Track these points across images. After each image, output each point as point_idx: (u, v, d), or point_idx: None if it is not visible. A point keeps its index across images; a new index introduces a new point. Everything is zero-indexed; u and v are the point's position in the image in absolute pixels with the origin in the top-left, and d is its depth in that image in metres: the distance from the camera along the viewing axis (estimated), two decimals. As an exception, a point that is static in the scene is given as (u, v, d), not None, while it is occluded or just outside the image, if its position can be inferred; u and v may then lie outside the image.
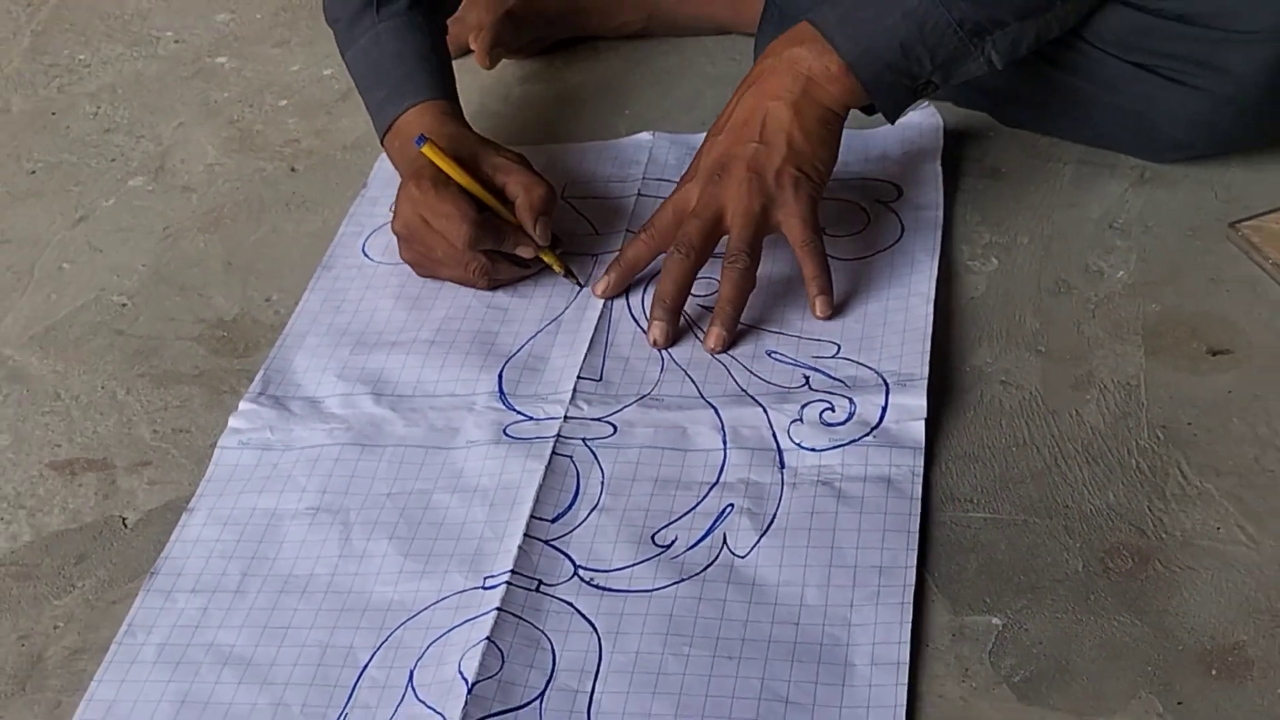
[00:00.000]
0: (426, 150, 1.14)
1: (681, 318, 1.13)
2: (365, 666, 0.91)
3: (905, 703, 0.86)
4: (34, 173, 1.44)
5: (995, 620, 0.92)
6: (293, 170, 1.40)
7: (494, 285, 1.18)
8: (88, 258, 1.32)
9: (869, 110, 1.15)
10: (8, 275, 1.31)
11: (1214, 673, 0.88)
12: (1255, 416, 1.03)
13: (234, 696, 0.90)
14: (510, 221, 1.16)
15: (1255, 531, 0.96)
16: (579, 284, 1.19)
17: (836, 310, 1.13)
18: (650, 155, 1.33)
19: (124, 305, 1.26)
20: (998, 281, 1.17)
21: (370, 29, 1.23)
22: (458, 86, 1.27)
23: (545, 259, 1.18)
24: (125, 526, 1.06)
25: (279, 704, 0.90)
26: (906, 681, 0.88)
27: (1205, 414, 1.04)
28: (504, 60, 1.47)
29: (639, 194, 1.29)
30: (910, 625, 0.91)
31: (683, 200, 1.13)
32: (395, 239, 1.20)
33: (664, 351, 1.12)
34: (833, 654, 0.89)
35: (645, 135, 1.36)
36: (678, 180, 1.23)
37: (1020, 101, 1.28)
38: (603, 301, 1.17)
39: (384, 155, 1.29)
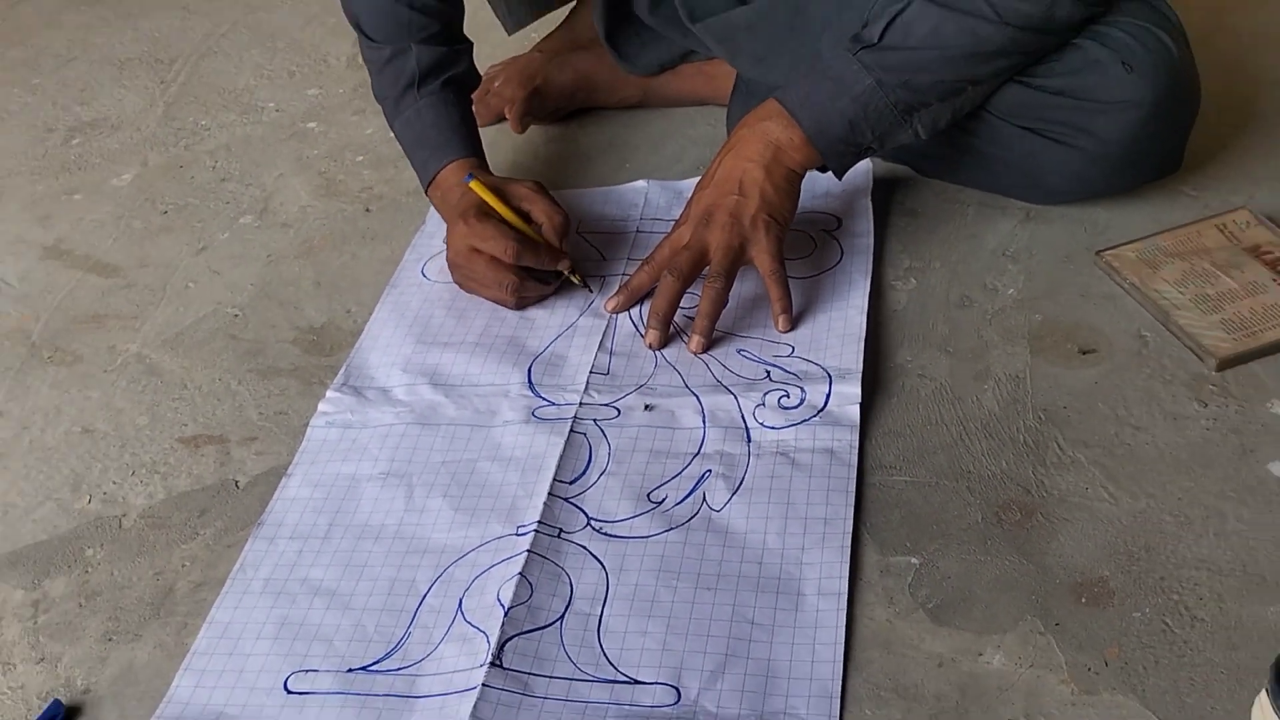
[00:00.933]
0: (474, 184, 1.15)
1: (671, 326, 1.13)
2: (424, 596, 0.92)
3: (845, 624, 0.87)
4: (166, 213, 1.44)
5: (914, 560, 0.92)
6: (367, 210, 1.39)
7: (522, 305, 1.17)
8: (208, 279, 1.31)
9: (822, 169, 1.15)
10: (146, 293, 1.30)
11: (1083, 600, 0.88)
12: (1115, 402, 1.03)
13: (322, 619, 0.91)
14: (538, 240, 1.17)
15: (1115, 491, 0.96)
16: (591, 291, 1.19)
17: (792, 321, 1.13)
18: (646, 199, 1.33)
19: (236, 315, 1.26)
20: (915, 297, 1.17)
21: (414, 104, 1.23)
22: (499, 148, 1.26)
23: (565, 270, 1.18)
24: (237, 488, 1.06)
25: (357, 625, 0.90)
26: (845, 607, 0.88)
27: (1077, 399, 1.04)
28: (532, 126, 1.47)
29: (637, 230, 1.28)
30: (848, 564, 0.91)
31: (677, 239, 1.13)
32: (447, 264, 1.20)
33: (657, 352, 1.12)
34: (788, 586, 0.90)
35: (641, 182, 1.35)
36: (668, 218, 1.24)
37: (934, 158, 1.27)
38: (609, 314, 1.17)
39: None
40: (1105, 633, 0.86)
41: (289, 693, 0.86)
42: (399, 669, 0.87)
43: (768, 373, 1.08)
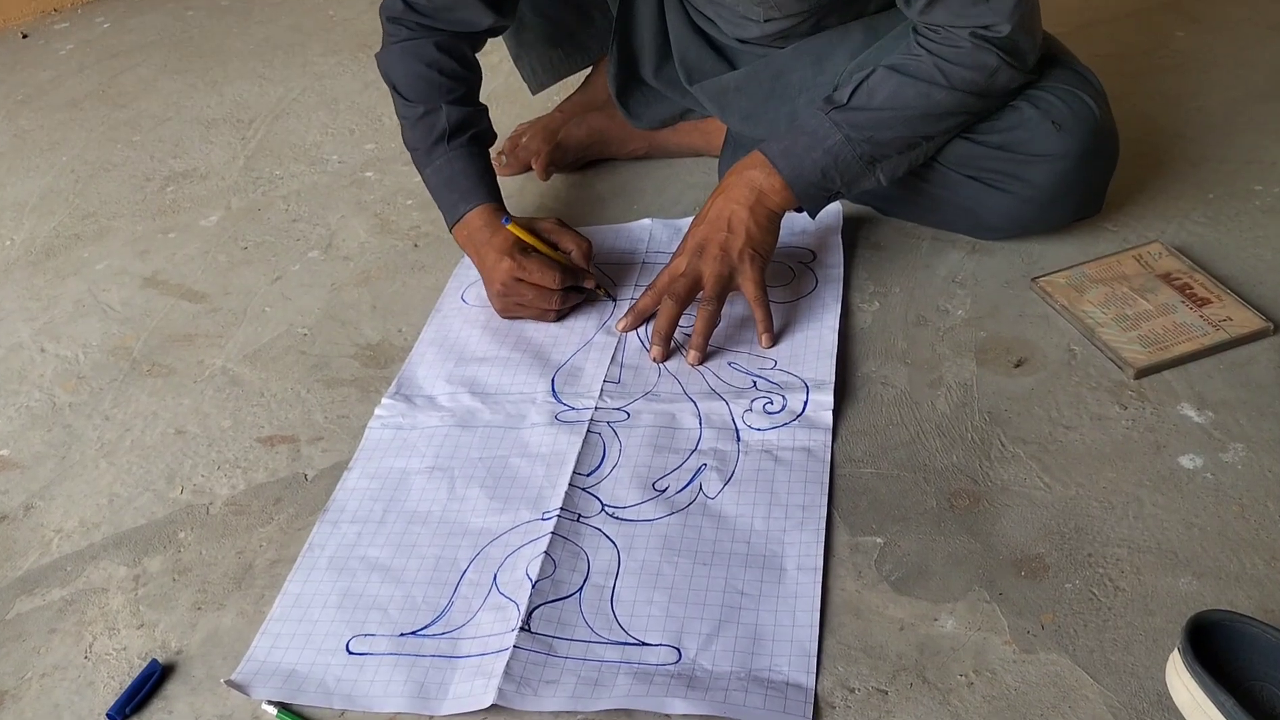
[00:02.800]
0: (512, 227, 1.16)
1: (671, 343, 1.13)
2: (465, 571, 0.92)
3: (820, 594, 0.87)
4: (246, 248, 1.44)
5: (878, 540, 0.92)
6: (415, 246, 1.40)
7: (561, 318, 1.19)
8: (281, 304, 1.32)
9: (799, 210, 1.15)
10: (229, 315, 1.31)
11: (1023, 574, 0.88)
12: (1049, 405, 1.03)
13: (379, 591, 0.91)
14: (571, 265, 1.19)
15: (1049, 481, 0.96)
16: (614, 300, 1.22)
17: (774, 339, 1.13)
18: (650, 234, 1.33)
19: (305, 334, 1.26)
20: (879, 317, 1.17)
21: (444, 154, 1.22)
22: (527, 193, 1.26)
23: (590, 286, 1.21)
24: (306, 480, 1.06)
25: (408, 596, 0.90)
26: (821, 580, 0.88)
27: (1016, 403, 1.04)
28: (554, 175, 1.48)
29: (644, 261, 1.29)
30: (823, 543, 0.91)
31: (675, 268, 1.13)
32: (484, 290, 1.21)
33: (661, 364, 1.12)
34: (771, 562, 0.90)
35: (646, 221, 1.36)
36: (670, 250, 1.25)
37: (894, 199, 1.27)
38: (620, 332, 1.17)
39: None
40: (1041, 601, 0.86)
41: (350, 654, 0.86)
42: (444, 633, 0.87)
43: (754, 382, 1.08)
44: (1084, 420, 1.01)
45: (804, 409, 1.04)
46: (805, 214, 1.17)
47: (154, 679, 0.87)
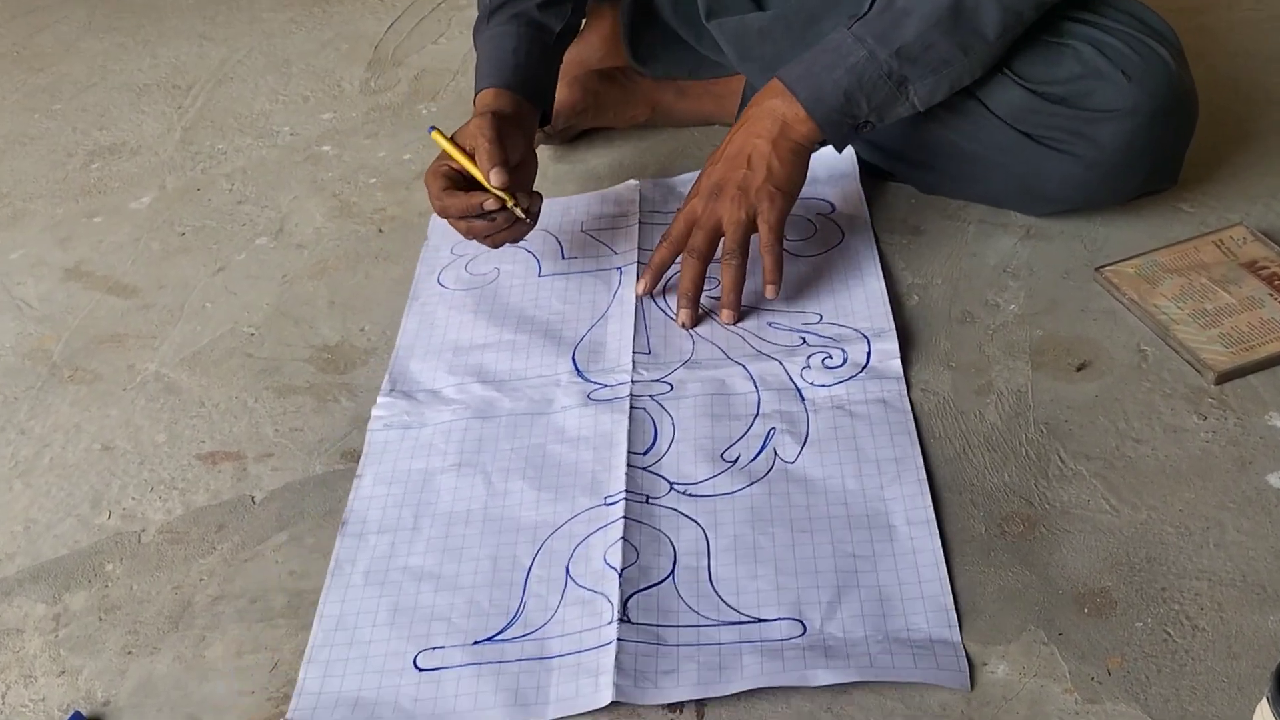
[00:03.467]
0: (434, 135, 1.18)
1: (700, 306, 1.16)
2: (530, 569, 0.96)
3: (941, 546, 0.93)
4: (184, 234, 1.44)
5: (918, 571, 0.92)
6: (380, 231, 1.40)
7: (492, 242, 1.19)
8: (225, 299, 1.32)
9: (823, 142, 1.16)
10: (164, 312, 1.31)
11: (1086, 611, 0.88)
12: (1115, 415, 1.03)
13: (434, 600, 0.94)
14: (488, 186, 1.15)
15: (1116, 503, 0.96)
16: (524, 212, 1.15)
17: (811, 291, 1.18)
18: (641, 195, 1.36)
19: (252, 334, 1.26)
20: (918, 313, 1.17)
21: (484, 31, 1.27)
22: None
23: (503, 199, 1.14)
24: (254, 503, 1.06)
25: (471, 601, 0.94)
26: (937, 532, 0.94)
27: (1078, 413, 1.04)
28: (541, 147, 1.47)
29: (640, 223, 1.32)
30: (928, 494, 0.97)
31: (690, 213, 1.16)
32: (466, 274, 1.25)
33: (692, 330, 1.15)
34: (877, 520, 0.96)
35: (633, 181, 1.38)
36: (666, 210, 1.30)
37: (936, 170, 1.27)
38: (634, 298, 1.20)
39: (435, 214, 1.30)
40: (1108, 642, 0.85)
41: (421, 670, 0.89)
42: (524, 635, 0.90)
43: (803, 339, 1.13)
44: (1156, 432, 1.01)
45: (868, 360, 1.10)
46: (819, 160, 1.18)
47: (77, 735, 0.87)
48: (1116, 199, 1.22)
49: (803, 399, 1.07)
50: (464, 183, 1.17)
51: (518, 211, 1.15)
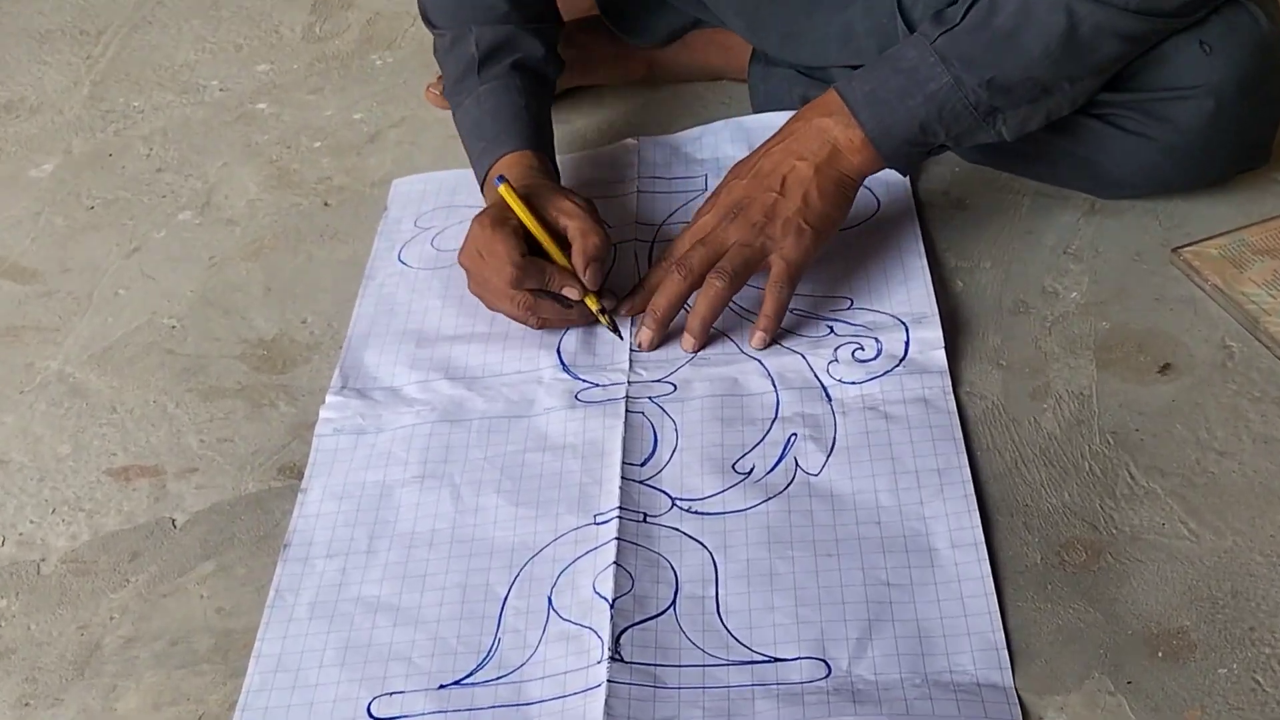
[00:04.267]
0: (502, 189, 1.13)
1: (688, 328, 1.13)
2: (505, 599, 0.96)
3: (990, 573, 0.93)
4: (93, 208, 1.44)
5: (962, 608, 0.92)
6: (326, 205, 1.40)
7: (542, 324, 1.15)
8: (141, 285, 1.32)
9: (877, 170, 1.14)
10: (69, 301, 1.31)
11: (1160, 655, 0.88)
12: (1196, 423, 1.03)
13: (392, 637, 0.94)
14: (562, 265, 1.13)
15: (1196, 527, 0.96)
16: (620, 336, 1.15)
17: (840, 271, 1.18)
18: (639, 156, 1.36)
19: (174, 327, 1.26)
20: (963, 302, 1.17)
21: (473, 91, 1.25)
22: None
23: (589, 304, 1.13)
24: (175, 527, 1.06)
25: (435, 638, 0.94)
26: (986, 557, 0.94)
27: (1151, 421, 1.04)
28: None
29: (638, 190, 1.32)
30: (977, 512, 0.97)
31: (698, 230, 1.14)
32: (433, 250, 1.25)
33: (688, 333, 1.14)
34: (916, 542, 0.95)
35: (630, 140, 1.39)
36: (669, 175, 1.31)
37: (988, 147, 1.26)
38: (625, 315, 1.16)
39: (398, 180, 1.29)
40: (1186, 692, 0.86)
41: (375, 719, 0.89)
42: (498, 678, 0.90)
43: (830, 328, 1.14)
44: (1244, 444, 1.01)
45: (906, 351, 1.10)
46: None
47: (-36, 802, 0.87)
48: (1194, 186, 1.22)
49: (829, 399, 1.07)
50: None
51: (603, 319, 1.14)
